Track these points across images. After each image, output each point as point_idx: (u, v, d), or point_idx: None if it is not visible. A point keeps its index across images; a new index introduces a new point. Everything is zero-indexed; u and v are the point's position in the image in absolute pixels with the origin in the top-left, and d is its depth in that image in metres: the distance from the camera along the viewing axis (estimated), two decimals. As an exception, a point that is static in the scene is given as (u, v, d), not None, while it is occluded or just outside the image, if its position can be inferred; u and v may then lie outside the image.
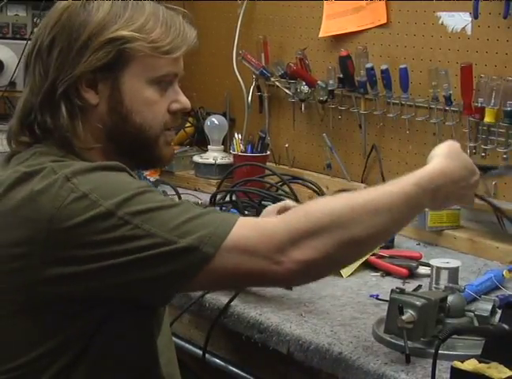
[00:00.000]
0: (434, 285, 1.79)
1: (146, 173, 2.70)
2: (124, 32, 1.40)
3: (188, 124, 3.16)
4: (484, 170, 1.63)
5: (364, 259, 2.01)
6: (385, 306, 1.53)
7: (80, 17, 1.40)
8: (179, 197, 2.48)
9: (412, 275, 1.98)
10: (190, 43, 1.46)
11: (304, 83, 2.76)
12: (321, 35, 2.76)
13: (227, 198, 2.40)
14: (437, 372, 1.34)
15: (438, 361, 1.34)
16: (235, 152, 2.79)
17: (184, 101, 1.49)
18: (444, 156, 1.48)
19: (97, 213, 1.28)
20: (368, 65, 2.54)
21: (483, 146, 2.29)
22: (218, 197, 2.39)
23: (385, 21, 2.56)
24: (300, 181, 2.39)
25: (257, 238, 1.28)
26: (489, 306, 1.56)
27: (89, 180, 1.31)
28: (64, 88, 1.40)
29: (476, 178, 1.51)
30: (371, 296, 1.81)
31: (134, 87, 1.43)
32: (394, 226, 1.39)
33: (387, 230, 1.37)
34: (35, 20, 3.05)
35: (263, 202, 2.34)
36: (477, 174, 1.52)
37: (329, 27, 2.73)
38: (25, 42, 2.85)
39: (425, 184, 1.40)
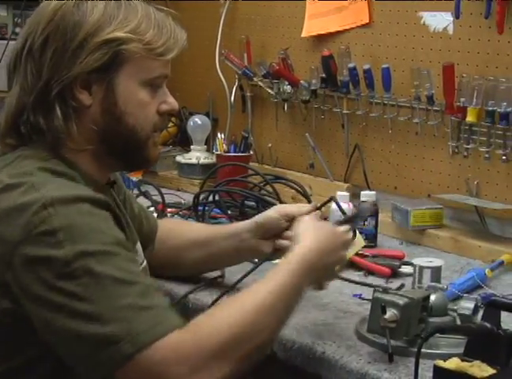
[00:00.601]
0: (416, 284, 1.80)
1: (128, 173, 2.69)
2: (120, 34, 1.39)
3: (171, 124, 3.15)
4: (349, 221, 1.72)
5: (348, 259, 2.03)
6: (368, 306, 1.54)
7: (75, 17, 1.40)
8: (162, 197, 2.47)
9: (394, 274, 1.99)
10: (181, 45, 1.47)
11: (287, 83, 2.76)
12: (303, 34, 2.76)
13: (210, 198, 2.40)
14: (420, 371, 1.35)
15: (420, 359, 1.35)
16: (218, 152, 2.79)
17: (172, 102, 1.50)
18: (307, 230, 1.54)
19: (56, 255, 1.26)
20: (351, 65, 2.55)
21: (465, 145, 2.30)
22: (201, 197, 2.38)
23: (367, 21, 2.56)
24: (283, 181, 2.40)
25: (173, 359, 1.25)
26: (471, 305, 1.57)
27: (65, 214, 1.29)
28: (59, 88, 1.39)
29: (341, 240, 1.58)
30: (354, 295, 1.82)
31: (128, 88, 1.43)
32: (286, 318, 1.44)
33: (282, 325, 1.42)
34: (16, 19, 3.04)
35: (246, 202, 2.34)
36: (341, 236, 1.59)
37: (312, 27, 2.73)
38: (6, 42, 2.84)
39: (302, 268, 1.46)
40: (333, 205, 2.22)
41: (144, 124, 1.45)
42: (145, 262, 1.65)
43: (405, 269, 2.00)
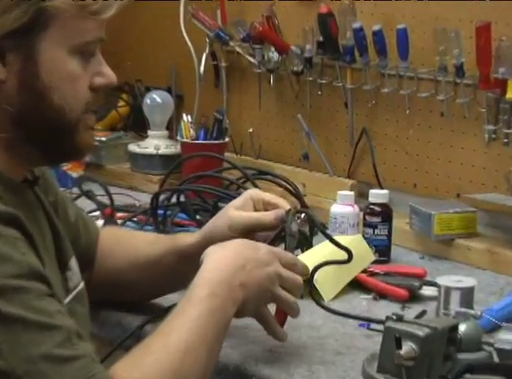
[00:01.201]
0: (442, 310, 1.81)
1: (66, 167, 2.69)
2: None
3: (122, 102, 3.15)
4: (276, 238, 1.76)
5: (351, 279, 2.03)
6: (379, 338, 1.54)
7: None
8: (111, 199, 2.47)
9: (413, 297, 2.00)
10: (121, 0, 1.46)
11: (273, 48, 2.77)
12: (294, -14, 2.78)
13: (174, 199, 2.40)
14: (446, 422, 1.36)
15: (447, 408, 1.36)
16: (184, 140, 2.79)
17: (109, 74, 1.50)
18: (216, 248, 1.59)
19: None
20: (356, 26, 2.55)
21: (505, 130, 2.31)
22: (161, 197, 2.38)
23: (377, -32, 2.58)
24: (269, 176, 2.40)
25: None
26: (512, 337, 1.58)
27: None
28: None
29: (264, 251, 1.61)
30: (361, 325, 1.83)
31: (55, 57, 1.42)
32: (218, 347, 1.50)
33: (215, 356, 1.49)
34: None
35: (220, 204, 2.34)
36: (263, 248, 1.62)
37: (306, -25, 2.75)
38: None
39: (219, 288, 1.51)
40: (333, 208, 2.24)
41: (74, 103, 1.45)
42: (82, 284, 1.64)
43: (427, 291, 2.01)
